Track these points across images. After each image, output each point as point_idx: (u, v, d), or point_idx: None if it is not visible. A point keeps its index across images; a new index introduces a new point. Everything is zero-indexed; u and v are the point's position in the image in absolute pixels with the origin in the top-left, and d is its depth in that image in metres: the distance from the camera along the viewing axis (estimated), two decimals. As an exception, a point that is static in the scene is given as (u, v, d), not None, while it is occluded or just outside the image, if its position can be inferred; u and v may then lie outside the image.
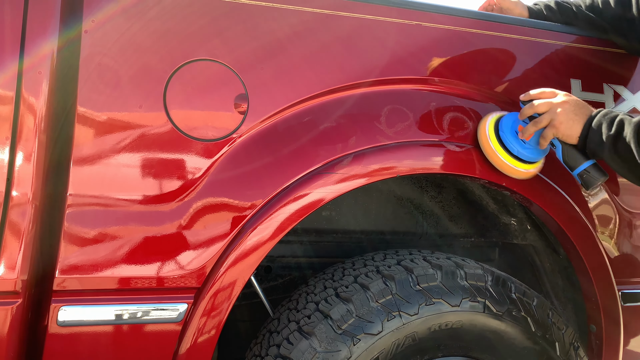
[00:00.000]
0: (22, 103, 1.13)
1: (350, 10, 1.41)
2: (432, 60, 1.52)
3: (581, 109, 1.40)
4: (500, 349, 1.52)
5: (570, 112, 1.39)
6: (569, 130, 1.40)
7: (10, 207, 1.13)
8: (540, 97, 1.44)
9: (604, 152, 1.35)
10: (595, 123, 1.36)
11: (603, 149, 1.35)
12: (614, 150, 1.33)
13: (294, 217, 1.34)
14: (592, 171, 1.41)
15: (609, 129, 1.33)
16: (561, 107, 1.40)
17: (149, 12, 1.23)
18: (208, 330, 1.30)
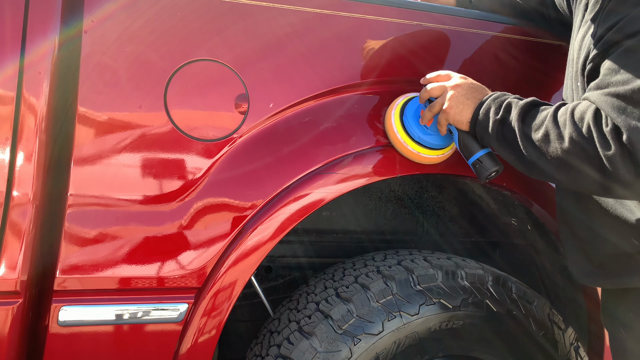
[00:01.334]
0: (22, 103, 1.12)
1: (350, 10, 1.41)
2: (432, 59, 1.52)
3: (474, 92, 1.30)
4: (500, 349, 1.52)
5: (461, 96, 1.30)
6: (458, 116, 1.30)
7: (11, 207, 1.12)
8: (436, 80, 1.36)
9: (490, 138, 1.25)
10: (485, 107, 1.26)
11: (490, 135, 1.25)
12: (501, 136, 1.23)
13: (294, 217, 1.34)
14: (484, 161, 1.31)
15: (497, 113, 1.23)
16: (453, 91, 1.30)
17: (149, 12, 1.23)
18: (209, 330, 1.30)
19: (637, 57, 1.04)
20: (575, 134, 1.09)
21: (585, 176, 1.10)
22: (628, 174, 1.03)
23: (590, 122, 1.07)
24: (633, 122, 1.01)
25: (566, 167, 1.12)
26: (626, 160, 1.02)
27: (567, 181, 1.16)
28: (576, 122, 1.10)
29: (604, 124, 1.06)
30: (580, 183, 1.13)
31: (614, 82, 1.06)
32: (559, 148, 1.11)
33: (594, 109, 1.09)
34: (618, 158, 1.03)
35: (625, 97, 1.03)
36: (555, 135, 1.12)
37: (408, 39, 1.48)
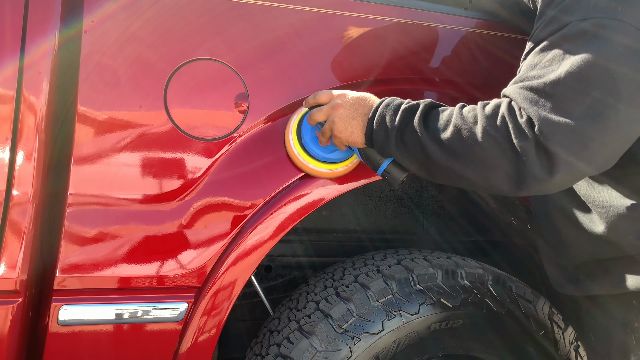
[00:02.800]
0: (22, 102, 1.13)
1: (350, 9, 1.41)
2: (432, 59, 1.52)
3: (357, 109, 1.23)
4: (500, 349, 1.52)
5: (346, 117, 1.23)
6: (350, 138, 1.24)
7: (11, 207, 1.13)
8: (316, 102, 1.28)
9: (390, 147, 1.19)
10: (377, 118, 1.20)
11: (389, 144, 1.18)
12: (401, 143, 1.17)
13: (294, 216, 1.34)
14: (391, 170, 1.26)
15: (393, 119, 1.18)
16: (336, 115, 1.24)
17: (149, 11, 1.23)
18: (208, 329, 1.30)
19: (550, 55, 1.06)
20: (489, 128, 1.07)
21: (498, 170, 1.08)
22: (540, 165, 1.03)
23: (505, 115, 1.07)
24: (544, 113, 1.02)
25: (479, 163, 1.09)
26: (540, 150, 1.03)
27: (478, 179, 1.11)
28: (488, 116, 1.08)
29: (519, 115, 1.06)
30: (492, 180, 1.10)
31: (529, 77, 1.08)
32: (472, 144, 1.08)
33: (507, 102, 1.09)
34: (532, 149, 1.03)
35: (537, 90, 1.04)
36: (466, 131, 1.09)
37: (408, 38, 1.48)
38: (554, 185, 1.07)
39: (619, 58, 0.99)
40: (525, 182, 1.06)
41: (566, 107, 1.01)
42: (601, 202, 1.19)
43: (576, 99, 1.01)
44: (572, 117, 1.00)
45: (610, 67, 0.99)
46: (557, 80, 1.02)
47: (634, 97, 0.99)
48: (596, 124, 1.00)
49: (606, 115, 1.00)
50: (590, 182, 1.22)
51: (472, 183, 1.14)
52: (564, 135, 1.00)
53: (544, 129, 1.01)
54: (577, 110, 1.00)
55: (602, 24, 1.00)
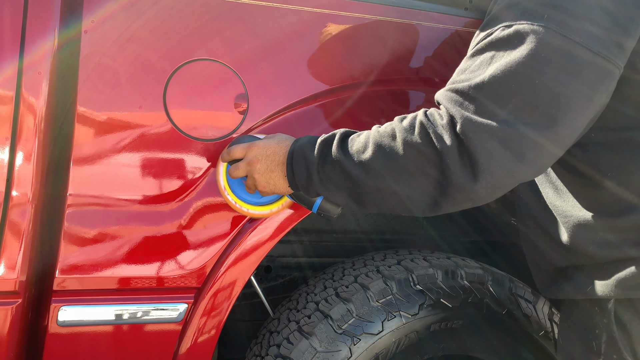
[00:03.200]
0: (21, 103, 1.12)
1: (350, 9, 1.41)
2: (432, 59, 1.52)
3: (274, 160, 1.19)
4: (500, 349, 1.52)
5: (264, 171, 1.19)
6: (275, 189, 1.21)
7: (10, 207, 1.12)
8: (231, 157, 1.23)
9: (314, 184, 1.14)
10: (295, 160, 1.16)
11: (313, 181, 1.14)
12: (325, 177, 1.13)
13: (293, 216, 1.34)
14: (325, 208, 1.23)
15: (311, 156, 1.14)
16: (255, 170, 1.20)
17: (149, 11, 1.23)
18: (208, 330, 1.30)
19: (479, 59, 1.07)
20: (408, 138, 1.05)
21: (426, 178, 1.05)
22: (463, 167, 1.01)
23: (423, 122, 1.06)
24: (467, 114, 1.02)
25: (406, 176, 1.06)
26: (462, 151, 1.01)
27: (409, 193, 1.08)
28: (407, 127, 1.07)
29: (439, 118, 1.05)
30: (420, 192, 1.07)
31: (457, 81, 1.08)
32: (394, 158, 1.07)
33: (423, 111, 1.09)
34: (454, 149, 1.01)
35: (463, 93, 1.04)
36: (387, 147, 1.08)
37: (407, 39, 1.48)
38: (479, 191, 1.03)
39: (543, 63, 0.99)
40: (451, 189, 1.03)
41: (489, 110, 1.00)
42: (564, 211, 1.20)
43: (499, 103, 1.00)
44: (494, 119, 0.99)
45: (534, 72, 0.99)
46: (481, 83, 1.02)
47: (555, 103, 0.99)
48: (518, 129, 0.99)
49: (530, 118, 0.99)
50: (556, 190, 1.22)
51: (402, 202, 1.10)
52: (486, 137, 0.99)
53: (466, 130, 1.00)
54: (500, 113, 1.00)
55: (527, 30, 1.00)
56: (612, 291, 1.12)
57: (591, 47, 0.98)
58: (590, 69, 0.99)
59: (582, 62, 0.99)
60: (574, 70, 0.99)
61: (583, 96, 1.00)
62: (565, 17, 0.99)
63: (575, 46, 0.98)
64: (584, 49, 0.98)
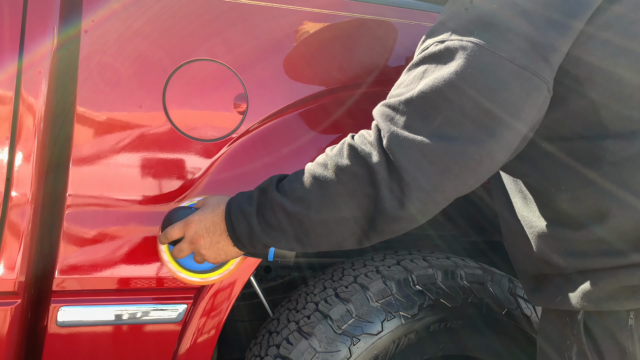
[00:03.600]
0: (21, 103, 1.12)
1: (349, 10, 1.41)
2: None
3: (216, 230, 1.14)
4: (500, 349, 1.52)
5: (210, 245, 1.14)
6: (224, 256, 1.16)
7: (10, 208, 1.12)
8: (171, 239, 1.17)
9: (258, 235, 1.09)
10: (234, 216, 1.12)
11: (255, 233, 1.09)
12: (266, 225, 1.09)
13: (293, 217, 1.33)
14: (279, 256, 1.20)
15: (249, 208, 1.11)
16: (200, 247, 1.15)
17: (149, 11, 1.23)
18: (207, 330, 1.30)
19: (412, 75, 1.07)
20: (339, 162, 1.05)
21: (365, 198, 1.03)
22: (392, 184, 1.00)
23: (351, 143, 1.05)
24: (394, 127, 1.02)
25: (345, 200, 1.04)
26: (391, 168, 1.00)
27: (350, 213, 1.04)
28: (336, 153, 1.07)
29: (367, 135, 1.05)
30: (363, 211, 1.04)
31: (391, 95, 1.09)
32: (329, 186, 1.05)
33: (350, 136, 1.09)
34: (384, 165, 1.00)
35: (393, 108, 1.04)
36: (320, 177, 1.06)
37: (407, 39, 1.48)
38: (410, 207, 1.01)
39: (470, 79, 0.99)
40: (383, 204, 1.01)
41: (415, 126, 1.00)
42: (530, 221, 1.19)
43: (426, 118, 1.01)
44: (420, 134, 0.99)
45: (460, 89, 0.99)
46: (410, 98, 1.02)
47: (482, 118, 0.99)
48: (443, 144, 0.99)
49: (453, 136, 0.99)
50: (524, 200, 1.22)
51: (350, 227, 1.07)
52: (411, 151, 0.99)
53: (392, 144, 1.00)
54: (426, 129, 1.00)
55: (457, 46, 1.01)
56: (579, 303, 1.10)
57: (518, 62, 0.98)
58: (517, 83, 0.99)
59: (509, 77, 0.99)
60: (501, 85, 0.99)
61: (510, 111, 0.99)
62: (493, 33, 0.99)
63: (502, 61, 0.98)
64: (512, 64, 0.98)
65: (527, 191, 1.20)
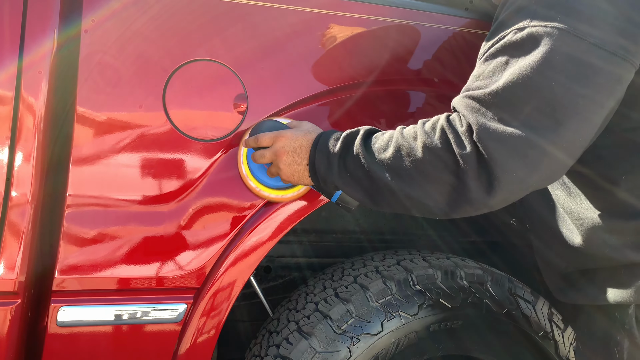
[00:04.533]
0: (21, 103, 1.12)
1: (349, 10, 1.41)
2: (432, 59, 1.52)
3: (300, 153, 1.21)
4: (499, 349, 1.52)
5: (290, 164, 1.21)
6: (298, 180, 1.23)
7: (10, 208, 1.12)
8: (259, 145, 1.24)
9: (333, 176, 1.16)
10: (319, 149, 1.18)
11: (332, 173, 1.16)
12: (344, 170, 1.15)
13: (293, 217, 1.34)
14: (343, 200, 1.24)
15: (334, 148, 1.16)
16: (281, 162, 1.22)
17: (149, 11, 1.23)
18: (207, 330, 1.30)
19: (493, 65, 1.06)
20: (428, 141, 1.06)
21: (441, 184, 1.05)
22: (479, 174, 1.02)
23: (444, 126, 1.07)
24: (483, 120, 1.02)
25: (422, 180, 1.07)
26: (480, 158, 1.01)
27: (423, 198, 1.08)
28: (428, 131, 1.08)
29: (459, 125, 1.06)
30: (437, 195, 1.07)
31: (473, 87, 1.08)
32: (413, 160, 1.07)
33: (445, 116, 1.09)
34: (473, 156, 1.02)
35: (479, 100, 1.04)
36: (407, 148, 1.08)
37: (407, 39, 1.48)
38: (492, 199, 1.03)
39: (557, 66, 0.98)
40: (468, 194, 1.03)
41: (505, 116, 1.00)
42: (577, 213, 1.18)
43: (515, 109, 1.00)
44: (511, 125, 0.99)
45: (549, 76, 0.98)
46: (497, 90, 1.02)
47: (573, 106, 0.98)
48: (535, 133, 0.99)
49: (545, 125, 0.99)
50: (569, 192, 1.21)
51: (416, 203, 1.10)
52: (502, 143, 0.99)
53: (482, 137, 1.00)
54: (516, 119, 1.00)
55: (541, 32, 0.99)
56: (632, 297, 1.09)
57: (607, 48, 0.97)
58: (609, 69, 0.98)
59: (600, 63, 0.97)
60: (592, 71, 0.98)
61: (600, 97, 0.99)
62: (579, 17, 0.98)
63: (590, 47, 0.97)
64: (601, 50, 0.97)
65: (571, 184, 1.20)
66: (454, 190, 1.04)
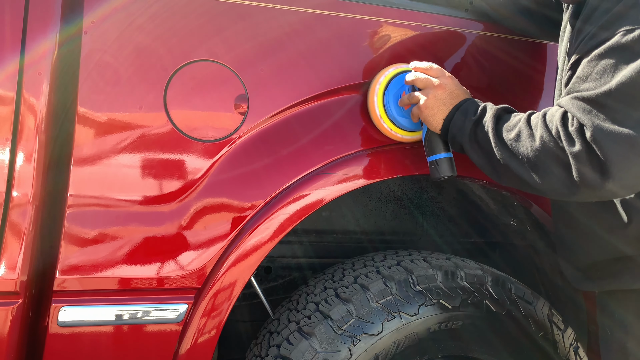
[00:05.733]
0: (22, 103, 1.13)
1: (350, 11, 1.41)
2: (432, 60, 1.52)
3: (452, 99, 1.32)
4: (500, 349, 1.52)
5: (439, 99, 1.32)
6: (429, 117, 1.33)
7: (11, 208, 1.13)
8: (425, 72, 1.36)
9: (463, 137, 1.28)
10: (462, 109, 1.30)
11: (463, 135, 1.28)
12: (474, 137, 1.27)
13: (294, 217, 1.34)
14: (441, 164, 1.36)
15: (473, 114, 1.28)
16: (434, 91, 1.32)
17: (149, 12, 1.23)
18: (208, 330, 1.30)
19: (600, 67, 1.10)
20: (545, 134, 1.14)
21: (553, 175, 1.14)
22: (593, 172, 1.08)
23: (558, 123, 1.13)
24: (597, 121, 1.07)
25: (536, 167, 1.16)
26: (591, 157, 1.07)
27: (536, 182, 1.18)
28: (547, 123, 1.16)
29: (570, 124, 1.12)
30: (549, 184, 1.16)
31: (581, 89, 1.13)
32: (530, 147, 1.16)
33: (561, 112, 1.15)
34: (583, 155, 1.08)
35: (590, 101, 1.09)
36: (527, 135, 1.17)
37: (407, 39, 1.48)
38: (607, 192, 1.11)
39: None
40: (578, 188, 1.11)
41: (618, 118, 1.05)
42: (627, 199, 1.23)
43: (628, 110, 1.05)
44: (624, 126, 1.04)
45: None
46: (608, 92, 1.06)
47: None
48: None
49: None
50: None
51: (533, 186, 1.19)
52: (617, 144, 1.04)
53: (597, 137, 1.06)
54: (630, 120, 1.04)
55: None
56: None
57: None
58: None
59: None
60: None
61: None
62: None
63: None
64: None
65: None
66: (564, 184, 1.12)
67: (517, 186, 1.27)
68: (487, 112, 1.27)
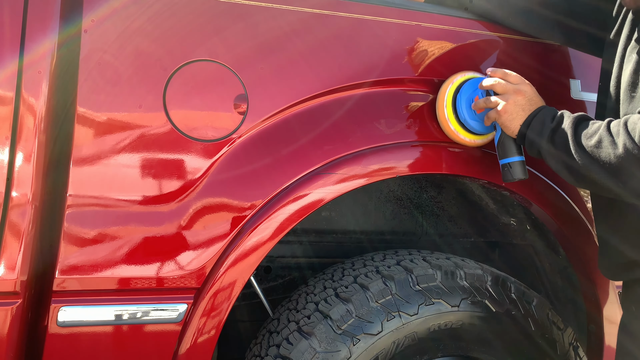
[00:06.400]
0: (21, 103, 1.12)
1: (348, 10, 1.41)
2: (432, 60, 1.52)
3: (531, 105, 1.38)
4: (500, 349, 1.52)
5: (518, 105, 1.38)
6: (508, 122, 1.38)
7: (10, 208, 1.12)
8: (504, 78, 1.42)
9: (541, 142, 1.33)
10: (541, 114, 1.35)
11: (541, 139, 1.33)
12: (551, 142, 1.31)
13: (293, 217, 1.34)
14: (514, 167, 1.41)
15: (551, 120, 1.33)
16: (514, 97, 1.38)
17: (148, 12, 1.23)
18: (208, 330, 1.30)
19: None
20: (628, 142, 1.19)
21: (635, 179, 1.19)
22: None
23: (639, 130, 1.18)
24: None
25: (619, 172, 1.21)
26: None
27: (618, 186, 1.23)
28: (630, 131, 1.20)
29: None
30: (631, 188, 1.21)
31: None
32: (613, 153, 1.21)
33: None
34: None
35: None
36: (608, 142, 1.22)
37: (406, 39, 1.48)
38: None
39: None
40: None
41: None
42: None
43: None
44: None
45: None
46: None
47: None
48: None
49: None
50: None
51: (611, 190, 1.25)
52: None
53: None
54: None
55: None
56: None
57: None
58: None
59: None
60: None
61: None
62: None
63: None
64: None
65: None
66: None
67: (593, 189, 1.35)
68: (565, 119, 1.31)
